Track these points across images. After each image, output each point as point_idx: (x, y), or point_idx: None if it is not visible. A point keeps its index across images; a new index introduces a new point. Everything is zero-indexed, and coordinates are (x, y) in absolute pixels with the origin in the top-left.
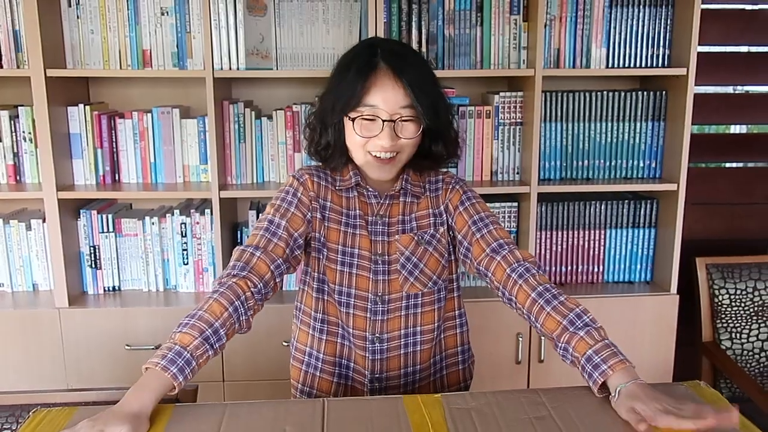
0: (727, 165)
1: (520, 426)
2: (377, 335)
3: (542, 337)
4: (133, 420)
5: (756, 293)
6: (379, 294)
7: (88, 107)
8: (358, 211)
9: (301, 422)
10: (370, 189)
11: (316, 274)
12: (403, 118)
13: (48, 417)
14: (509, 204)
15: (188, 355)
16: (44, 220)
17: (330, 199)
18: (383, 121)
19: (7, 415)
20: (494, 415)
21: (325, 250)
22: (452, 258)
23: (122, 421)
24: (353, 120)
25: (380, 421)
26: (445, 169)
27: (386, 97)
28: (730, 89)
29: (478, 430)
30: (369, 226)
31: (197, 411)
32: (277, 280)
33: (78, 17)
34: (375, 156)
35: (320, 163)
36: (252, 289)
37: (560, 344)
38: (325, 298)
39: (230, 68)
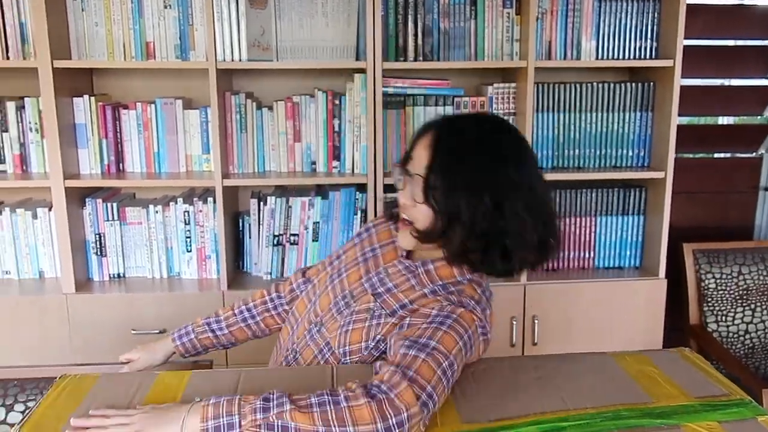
0: (716, 155)
1: (517, 387)
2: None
3: (535, 321)
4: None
5: (741, 278)
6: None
7: (92, 98)
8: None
9: (312, 385)
10: (395, 236)
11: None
12: (417, 181)
13: (73, 381)
14: None
15: (190, 328)
16: (50, 209)
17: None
18: (408, 176)
19: (18, 391)
20: (493, 378)
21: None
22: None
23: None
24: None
25: None
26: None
27: (418, 153)
28: (718, 81)
29: (478, 392)
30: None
31: (214, 375)
32: None
33: (83, 10)
34: (401, 220)
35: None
36: (268, 295)
37: None
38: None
39: (232, 60)
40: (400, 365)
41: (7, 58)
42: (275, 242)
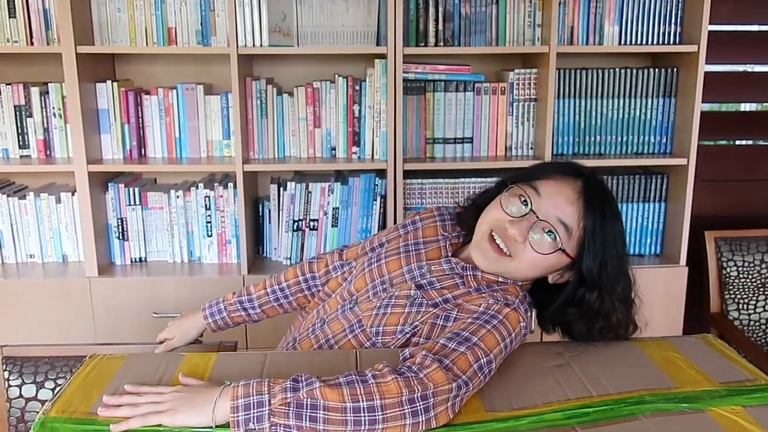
0: (738, 142)
1: (539, 375)
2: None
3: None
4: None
5: (763, 266)
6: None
7: (115, 84)
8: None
9: (337, 369)
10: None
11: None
12: (549, 228)
13: (101, 362)
14: None
15: (222, 305)
16: (73, 194)
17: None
18: (532, 211)
19: (49, 368)
20: (514, 365)
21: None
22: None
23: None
24: (508, 189)
25: None
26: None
27: (557, 197)
28: (741, 68)
29: (500, 380)
30: (402, 245)
31: (240, 356)
32: None
33: None
34: (491, 236)
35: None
36: (302, 275)
37: None
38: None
39: (253, 45)
40: (437, 353)
41: (32, 43)
42: (295, 228)
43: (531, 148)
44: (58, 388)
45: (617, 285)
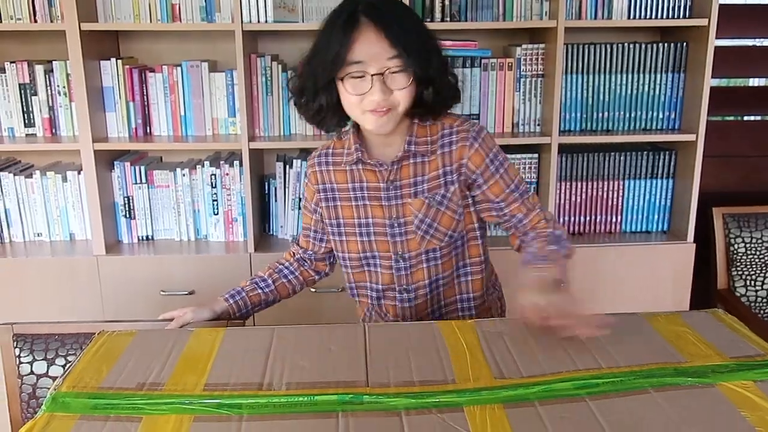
0: (746, 118)
1: (549, 346)
2: (404, 286)
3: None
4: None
5: None
6: (399, 253)
7: (119, 61)
8: (365, 183)
9: (345, 342)
10: (372, 162)
11: (335, 252)
12: (392, 70)
13: (111, 338)
14: (530, 155)
15: (239, 288)
16: (79, 172)
17: (336, 180)
18: (372, 75)
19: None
20: (524, 337)
21: (343, 228)
22: (470, 209)
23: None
24: (342, 80)
25: (418, 341)
26: (459, 115)
27: (371, 51)
28: (750, 42)
29: (510, 350)
30: (382, 192)
31: (248, 332)
32: (321, 251)
33: None
34: (370, 110)
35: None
36: (295, 256)
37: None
38: (349, 270)
39: (258, 21)
40: (522, 194)
41: (35, 21)
42: (300, 205)
43: (538, 125)
44: (68, 365)
45: (435, 63)
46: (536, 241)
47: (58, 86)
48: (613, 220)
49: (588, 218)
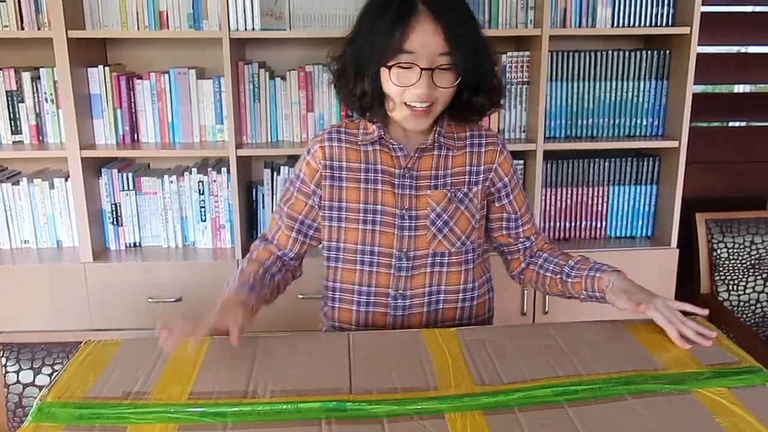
0: (731, 124)
1: (530, 353)
2: (400, 291)
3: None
4: (242, 305)
5: (753, 247)
6: (404, 250)
7: (107, 68)
8: (380, 165)
9: (330, 350)
10: (394, 143)
11: (327, 242)
12: (441, 67)
13: (97, 348)
14: (516, 161)
15: (249, 284)
16: (66, 179)
17: (346, 158)
18: (421, 69)
19: (47, 354)
20: (505, 344)
21: (343, 212)
22: (483, 222)
23: (234, 306)
24: (390, 68)
25: (401, 349)
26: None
27: (426, 44)
28: (734, 49)
29: (491, 357)
30: (396, 179)
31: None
32: (300, 252)
33: None
34: (411, 105)
35: (353, 118)
36: (274, 255)
37: (565, 269)
38: (339, 265)
39: (245, 29)
40: (532, 214)
41: (22, 28)
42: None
43: (523, 131)
44: (55, 374)
45: (486, 66)
46: (560, 256)
47: (45, 93)
48: (598, 225)
49: (573, 224)
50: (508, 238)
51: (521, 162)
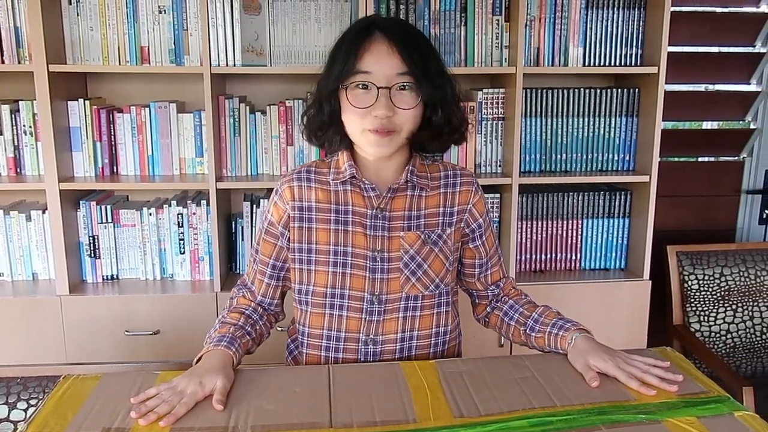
0: (701, 159)
1: (507, 385)
2: (371, 336)
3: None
4: (223, 371)
5: (723, 279)
6: (376, 293)
7: (87, 102)
8: (351, 206)
9: (310, 384)
10: (366, 182)
11: (297, 285)
12: (399, 86)
13: (76, 382)
14: (492, 195)
15: (230, 336)
16: (44, 211)
17: (316, 198)
18: (378, 88)
19: (22, 390)
20: (483, 376)
21: (313, 255)
22: (456, 264)
23: (215, 373)
24: (347, 89)
25: (381, 382)
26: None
27: (381, 63)
28: (701, 87)
29: (469, 389)
30: (368, 219)
31: None
32: (278, 296)
33: (78, 14)
34: (371, 129)
35: (320, 150)
36: (254, 302)
37: (529, 323)
38: (308, 309)
39: (227, 65)
40: (500, 256)
41: (2, 61)
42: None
43: (499, 166)
44: (31, 409)
45: (447, 90)
46: (525, 306)
47: (24, 126)
48: (573, 257)
49: (548, 256)
50: (477, 284)
51: (497, 196)
